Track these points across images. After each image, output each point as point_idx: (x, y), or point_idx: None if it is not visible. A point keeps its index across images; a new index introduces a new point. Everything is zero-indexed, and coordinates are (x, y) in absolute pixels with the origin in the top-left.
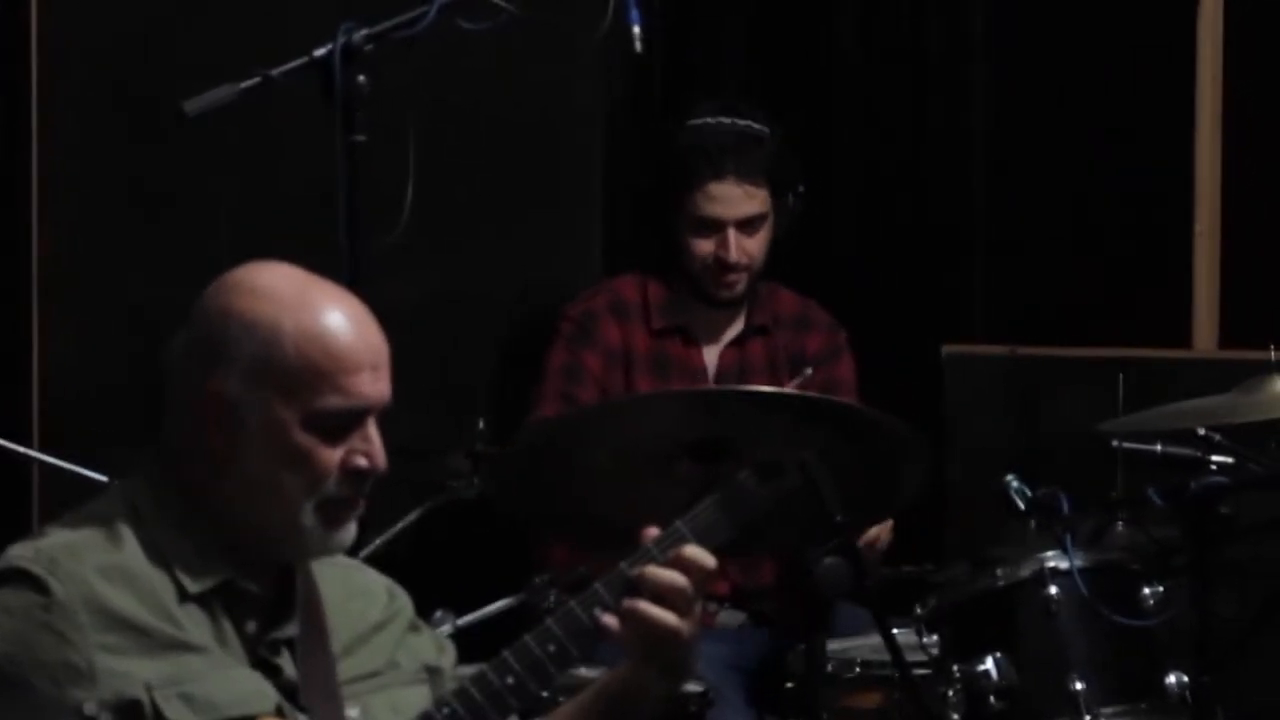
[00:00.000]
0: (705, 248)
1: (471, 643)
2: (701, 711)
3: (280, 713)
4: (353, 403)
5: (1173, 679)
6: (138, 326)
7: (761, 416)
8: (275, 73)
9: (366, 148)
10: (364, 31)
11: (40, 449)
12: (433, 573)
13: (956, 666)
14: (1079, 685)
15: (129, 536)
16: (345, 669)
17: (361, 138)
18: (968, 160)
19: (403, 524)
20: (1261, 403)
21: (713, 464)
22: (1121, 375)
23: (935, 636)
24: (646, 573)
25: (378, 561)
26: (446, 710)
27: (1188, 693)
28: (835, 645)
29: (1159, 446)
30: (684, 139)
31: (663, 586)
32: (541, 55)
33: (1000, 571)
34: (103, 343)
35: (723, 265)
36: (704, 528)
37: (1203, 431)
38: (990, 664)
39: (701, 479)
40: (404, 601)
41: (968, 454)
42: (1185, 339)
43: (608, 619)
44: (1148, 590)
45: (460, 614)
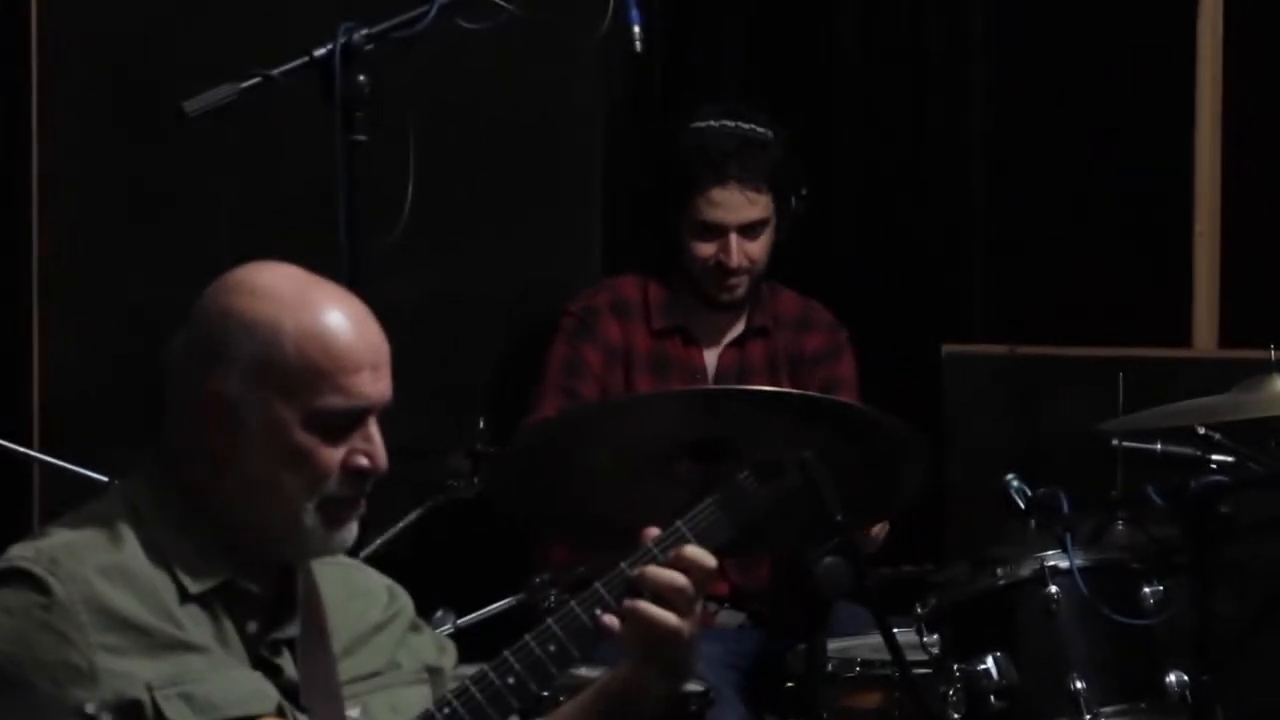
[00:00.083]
0: (706, 251)
1: (472, 642)
2: (701, 711)
3: (281, 713)
4: (353, 402)
5: (1173, 678)
6: (138, 326)
7: (761, 416)
8: (275, 73)
9: (366, 148)
10: (364, 31)
11: (40, 449)
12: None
13: (957, 666)
14: (1079, 684)
15: (129, 537)
16: (346, 669)
17: (361, 138)
18: (968, 160)
19: (403, 524)
20: (1261, 402)
21: (712, 464)
22: (1121, 375)
23: (935, 636)
24: (647, 573)
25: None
26: (447, 710)
27: (1188, 692)
28: (835, 645)
29: (1159, 446)
30: (686, 142)
31: (663, 586)
32: (541, 55)
33: (1000, 571)
34: (103, 343)
35: (724, 269)
36: (704, 528)
37: (1202, 431)
38: (990, 663)
39: (701, 479)
40: (405, 601)
41: (968, 453)
42: (1185, 338)
43: (608, 619)
44: (1148, 589)
45: (460, 614)
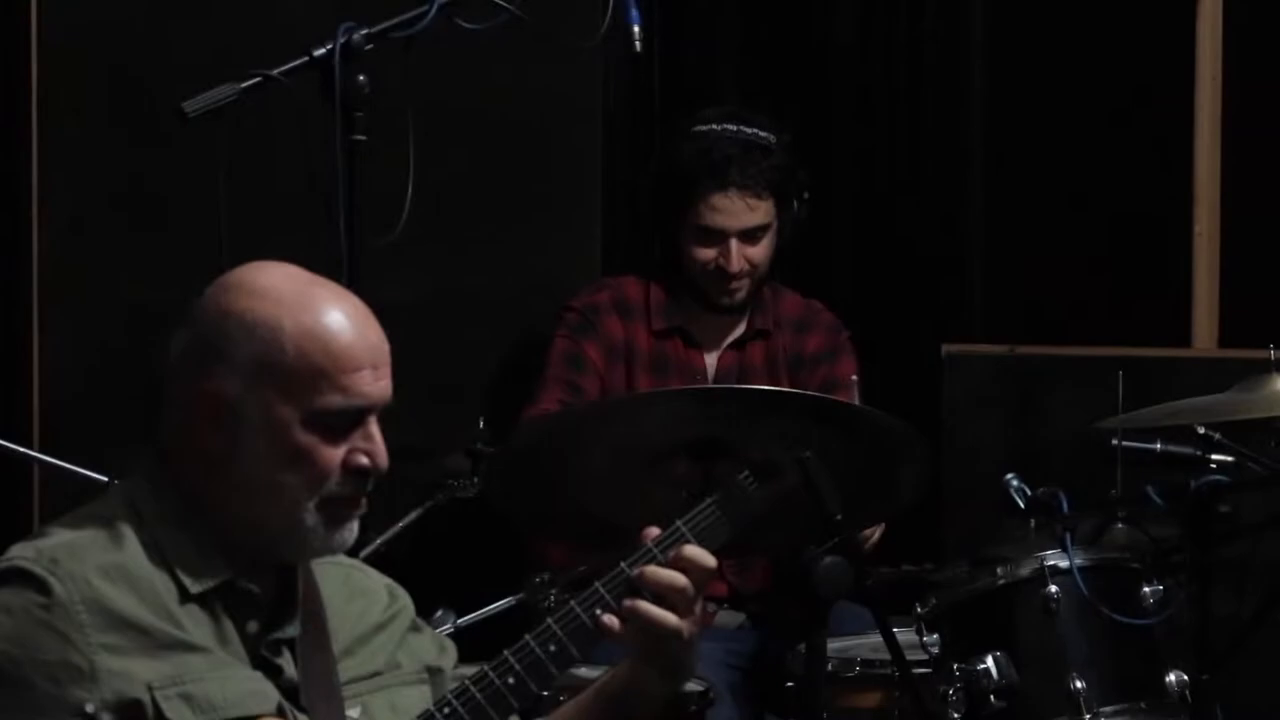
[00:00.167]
0: (707, 256)
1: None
2: (702, 711)
3: (281, 713)
4: (353, 402)
5: (1172, 677)
6: (137, 326)
7: (759, 416)
8: (275, 73)
9: (366, 148)
10: (364, 31)
11: (40, 449)
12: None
13: (956, 665)
14: (1079, 684)
15: (130, 536)
16: (346, 669)
17: (361, 138)
18: (967, 160)
19: (403, 523)
20: (1260, 401)
21: (711, 464)
22: (1121, 374)
23: (935, 636)
24: (647, 572)
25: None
26: (447, 710)
27: (1187, 691)
28: (835, 644)
29: (1158, 445)
30: (688, 147)
31: (664, 586)
32: (541, 55)
33: (1000, 570)
34: (102, 343)
35: (724, 274)
36: (704, 528)
37: (1202, 430)
38: (990, 663)
39: (700, 479)
40: (405, 601)
41: (967, 453)
42: (1184, 338)
43: (608, 619)
44: (1147, 589)
45: (460, 613)
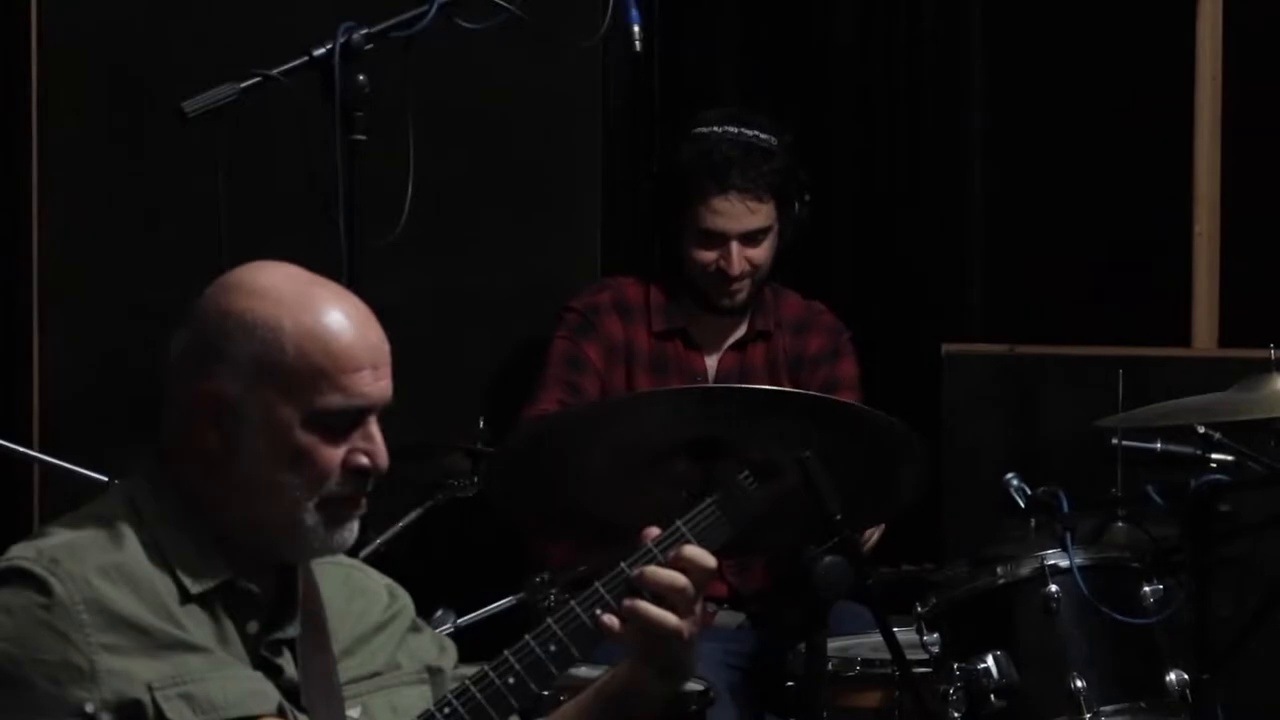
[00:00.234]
0: (707, 258)
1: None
2: (702, 710)
3: (281, 713)
4: (354, 402)
5: (1173, 677)
6: (137, 327)
7: (759, 416)
8: (275, 72)
9: (366, 148)
10: (364, 31)
11: (40, 449)
12: (433, 572)
13: (957, 665)
14: (1079, 683)
15: (130, 537)
16: (346, 669)
17: (361, 137)
18: (967, 159)
19: (403, 523)
20: (1261, 401)
21: (711, 463)
22: (1121, 374)
23: (935, 635)
24: (647, 572)
25: (378, 560)
26: (447, 710)
27: (1188, 690)
28: (836, 644)
29: (1158, 444)
30: (688, 149)
31: (664, 586)
32: (541, 55)
33: (1000, 570)
34: (102, 343)
35: (725, 276)
36: (704, 528)
37: (1202, 429)
38: (990, 662)
39: (699, 478)
40: (405, 602)
41: (967, 452)
42: (1185, 338)
43: (609, 619)
44: (1148, 588)
45: (460, 613)
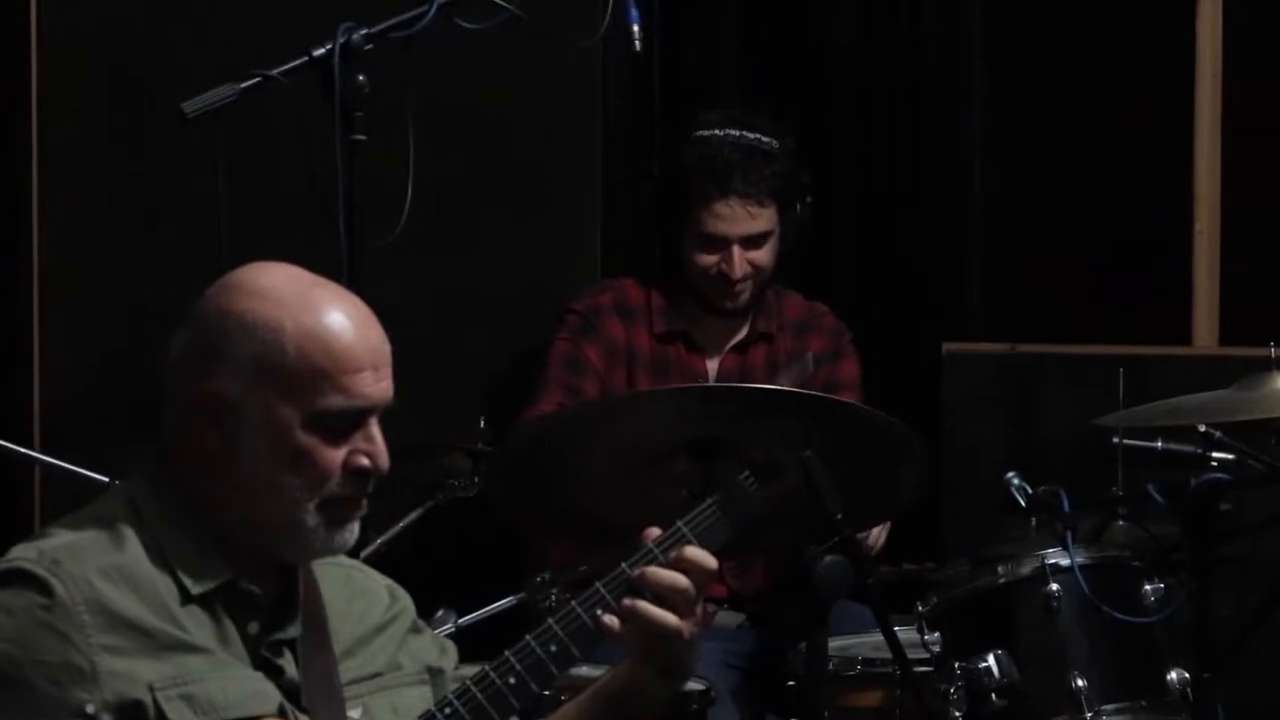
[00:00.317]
0: (709, 261)
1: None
2: (703, 710)
3: (282, 713)
4: (354, 403)
5: (1174, 676)
6: (138, 327)
7: (760, 416)
8: (275, 73)
9: (366, 148)
10: (364, 31)
11: (41, 450)
12: (433, 572)
13: (958, 664)
14: (1080, 682)
15: (131, 538)
16: (347, 670)
17: (361, 137)
18: (967, 158)
19: (404, 523)
20: (1261, 399)
21: (711, 463)
22: (1122, 373)
23: (936, 634)
24: (648, 573)
25: (379, 561)
26: (448, 710)
27: (1189, 689)
28: (836, 643)
29: (1159, 443)
30: (690, 153)
31: (665, 587)
32: (541, 55)
33: (1001, 569)
34: (103, 343)
35: (726, 279)
36: (705, 528)
37: (1203, 428)
38: (991, 661)
39: (700, 478)
40: (406, 603)
41: (968, 452)
42: (1185, 336)
43: (609, 619)
44: (1148, 587)
45: (461, 613)
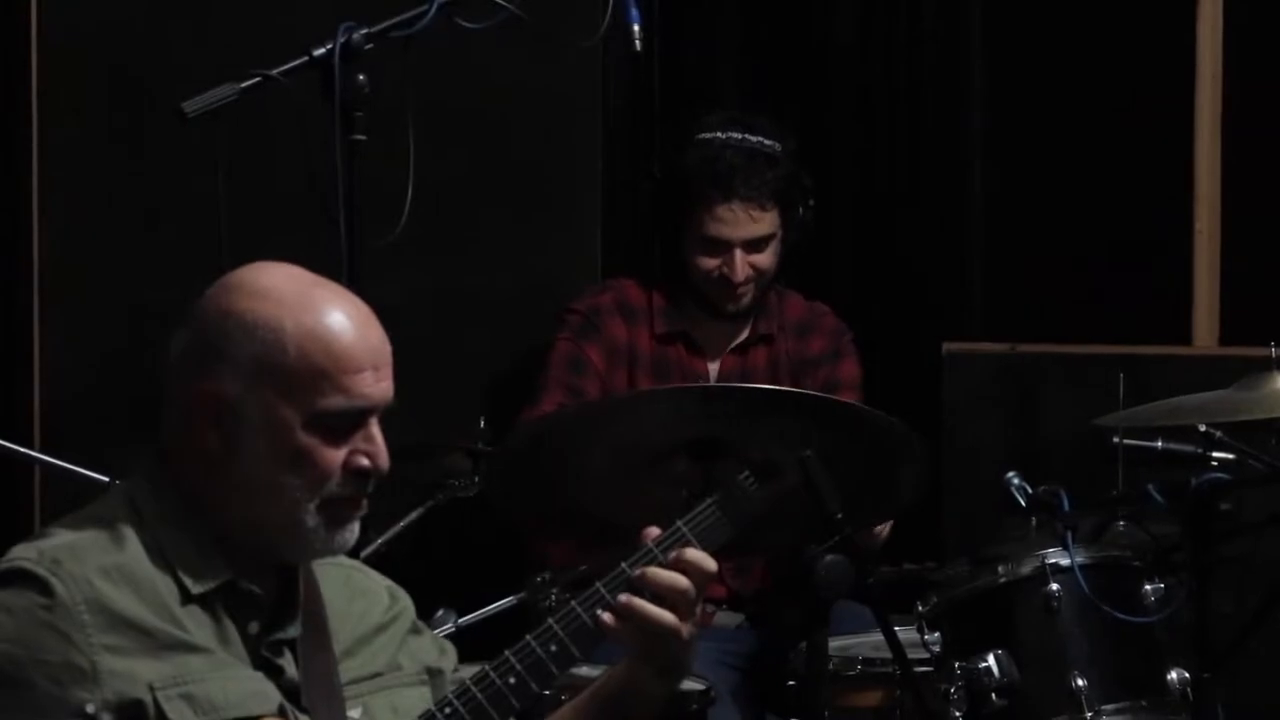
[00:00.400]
0: (710, 265)
1: (473, 642)
2: (703, 710)
3: (282, 713)
4: (355, 403)
5: (1174, 675)
6: (138, 327)
7: (760, 415)
8: (275, 72)
9: (366, 148)
10: (364, 31)
11: (41, 450)
12: (433, 572)
13: (958, 664)
14: (1080, 682)
15: (131, 537)
16: (347, 670)
17: (361, 137)
18: (967, 160)
19: (404, 523)
20: (1262, 399)
21: (711, 463)
22: (1122, 372)
23: (936, 634)
24: (649, 573)
25: (379, 560)
26: (448, 710)
27: (1189, 689)
28: (836, 643)
29: (1159, 443)
30: (691, 155)
31: (664, 587)
32: (541, 55)
33: (1001, 569)
34: (103, 343)
35: (728, 282)
36: (705, 528)
37: (1203, 428)
38: (992, 661)
39: (700, 478)
40: (405, 603)
41: (968, 452)
42: (1185, 336)
43: (607, 616)
44: (1149, 587)
45: (461, 613)
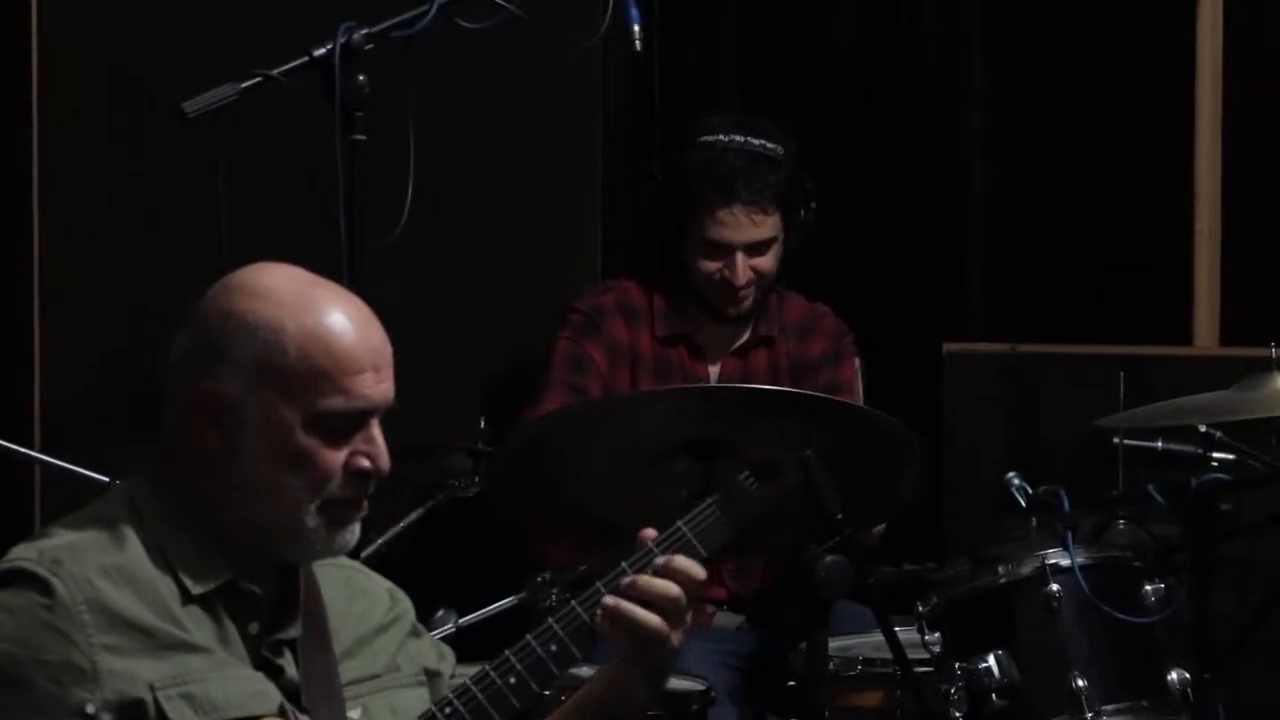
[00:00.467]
0: (712, 268)
1: (473, 642)
2: (703, 710)
3: (283, 713)
4: (355, 404)
5: (1174, 676)
6: (138, 327)
7: (760, 415)
8: (275, 72)
9: (366, 148)
10: (364, 31)
11: (41, 450)
12: (434, 572)
13: (958, 664)
14: (1080, 682)
15: (131, 538)
16: (347, 670)
17: (361, 137)
18: (967, 160)
19: (404, 523)
20: (1262, 399)
21: (711, 463)
22: (1122, 372)
23: (937, 634)
24: (640, 581)
25: (379, 561)
26: (449, 709)
27: (1189, 690)
28: (837, 643)
29: (1160, 443)
30: (693, 158)
31: (655, 595)
32: (541, 55)
33: (1001, 569)
34: (103, 343)
35: (729, 285)
36: (705, 528)
37: (1203, 428)
38: (992, 661)
39: (700, 478)
40: (406, 606)
41: (968, 452)
42: (1186, 336)
43: (606, 599)
44: (1149, 587)
45: (462, 613)
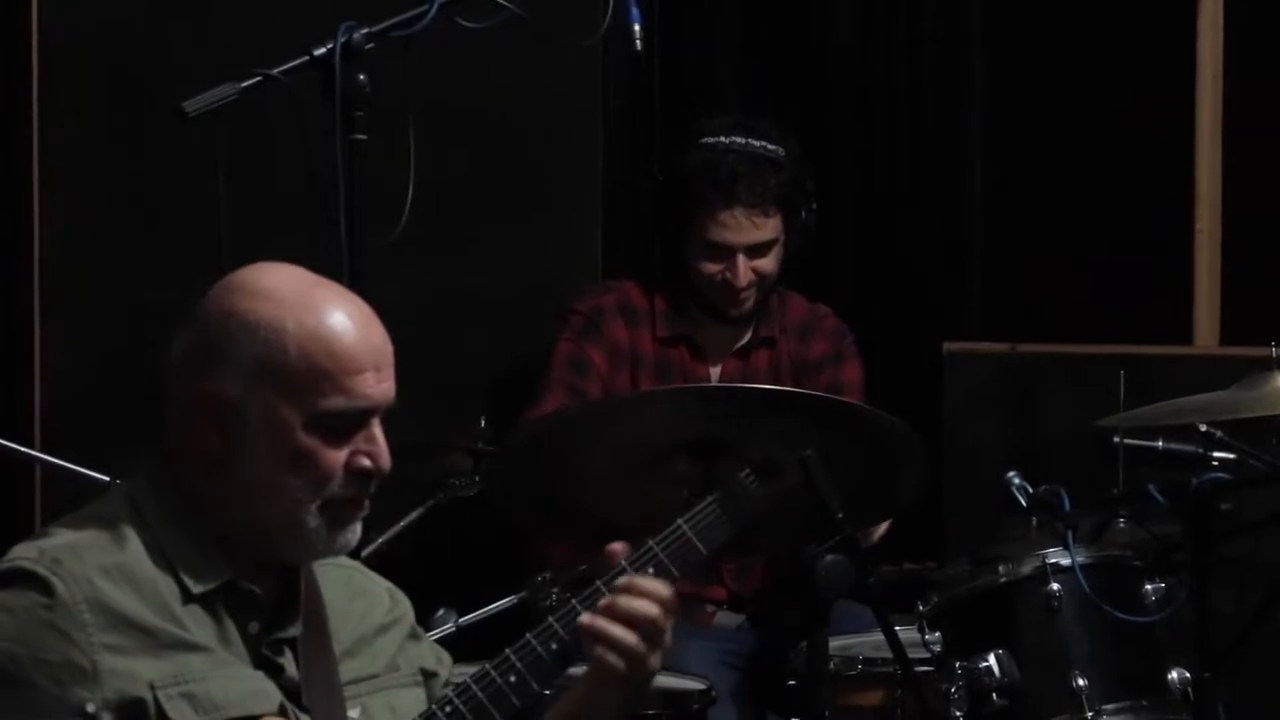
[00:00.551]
0: (713, 269)
1: (473, 641)
2: (703, 710)
3: (283, 712)
4: (356, 404)
5: (1175, 675)
6: (138, 327)
7: (760, 415)
8: (275, 72)
9: (366, 147)
10: (364, 31)
11: (41, 449)
12: (434, 571)
13: (958, 663)
14: (1081, 682)
15: (132, 537)
16: (347, 670)
17: (361, 137)
18: (967, 159)
19: (405, 523)
20: (1262, 398)
21: (711, 462)
22: (1122, 372)
23: (937, 634)
24: (618, 603)
25: (380, 560)
26: (449, 708)
27: (1189, 689)
28: (837, 643)
29: (1160, 443)
30: (694, 159)
31: (636, 616)
32: (541, 55)
33: (1002, 568)
34: (103, 343)
35: (730, 286)
36: (704, 527)
37: (1204, 428)
38: (992, 661)
39: (700, 478)
40: (405, 607)
41: (968, 452)
42: (1186, 336)
43: (583, 618)
44: (1149, 586)
45: (462, 613)
